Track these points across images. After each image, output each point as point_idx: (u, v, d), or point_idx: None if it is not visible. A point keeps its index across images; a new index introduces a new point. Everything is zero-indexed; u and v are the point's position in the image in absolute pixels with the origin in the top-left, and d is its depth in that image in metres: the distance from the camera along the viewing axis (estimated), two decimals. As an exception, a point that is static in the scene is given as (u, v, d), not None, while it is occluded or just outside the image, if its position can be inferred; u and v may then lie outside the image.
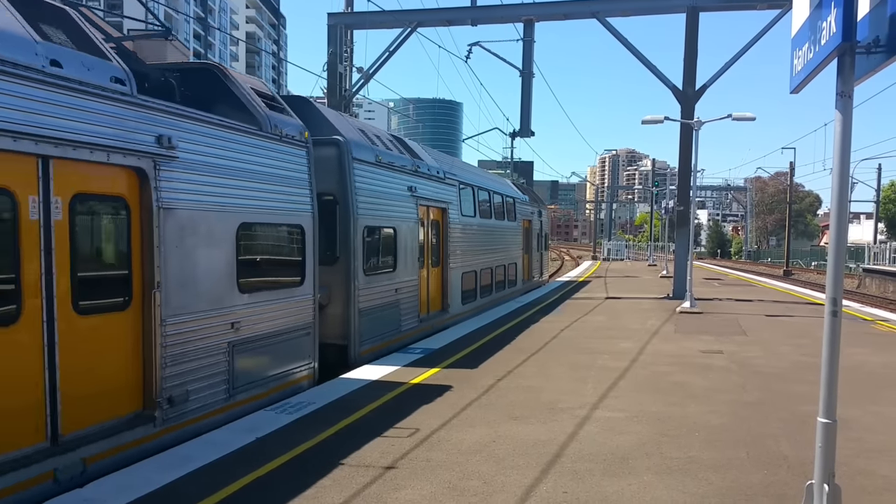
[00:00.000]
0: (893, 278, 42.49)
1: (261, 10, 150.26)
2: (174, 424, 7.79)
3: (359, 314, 12.79)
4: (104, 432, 6.87)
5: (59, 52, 6.50)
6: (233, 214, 8.84)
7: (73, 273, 6.61)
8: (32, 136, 6.06)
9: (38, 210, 6.23)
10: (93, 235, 7.14)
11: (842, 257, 5.03)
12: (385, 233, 14.17)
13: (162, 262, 7.55)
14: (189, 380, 8.01)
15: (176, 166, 7.77)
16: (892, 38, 4.37)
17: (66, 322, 6.51)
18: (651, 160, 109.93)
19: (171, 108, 7.84)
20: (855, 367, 12.55)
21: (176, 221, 7.80)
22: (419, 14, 30.48)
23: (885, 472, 7.14)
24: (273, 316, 9.76)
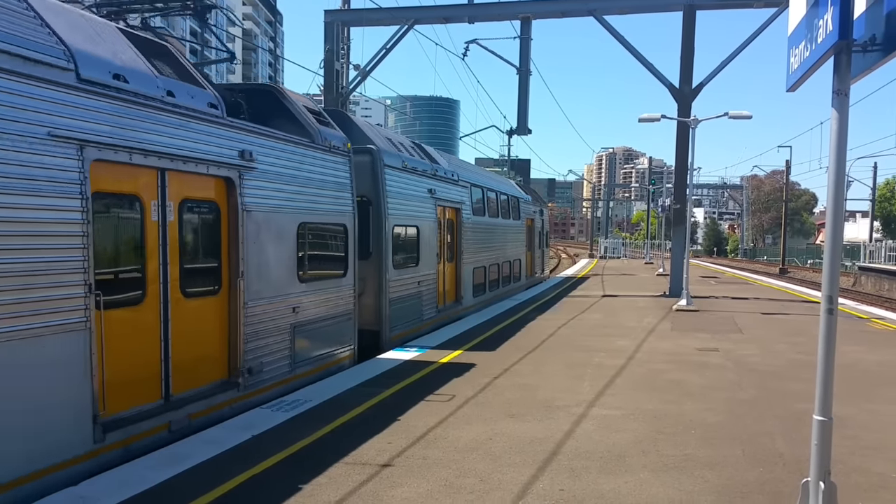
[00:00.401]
0: (889, 276, 42.58)
1: (257, 7, 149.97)
2: (251, 391, 9.39)
3: (389, 303, 14.46)
4: (201, 394, 8.47)
5: (171, 84, 8.08)
6: (295, 215, 10.48)
7: (181, 264, 8.17)
8: (155, 153, 7.60)
9: (157, 213, 7.80)
10: (194, 233, 8.69)
11: (837, 255, 5.03)
12: (410, 231, 15.82)
13: (245, 255, 9.16)
14: (262, 354, 9.60)
15: (254, 175, 9.40)
16: (888, 36, 4.38)
17: (175, 304, 8.06)
18: (648, 158, 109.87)
19: (251, 128, 9.50)
20: (850, 364, 12.58)
21: (254, 221, 9.41)
22: (416, 11, 30.44)
23: (881, 470, 7.15)
24: (323, 303, 11.38)
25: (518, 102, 31.61)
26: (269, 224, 9.80)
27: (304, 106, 11.78)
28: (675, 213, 28.36)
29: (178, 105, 8.03)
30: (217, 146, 8.69)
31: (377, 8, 29.74)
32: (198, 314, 8.56)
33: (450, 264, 18.99)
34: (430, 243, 16.97)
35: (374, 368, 12.04)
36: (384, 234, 14.30)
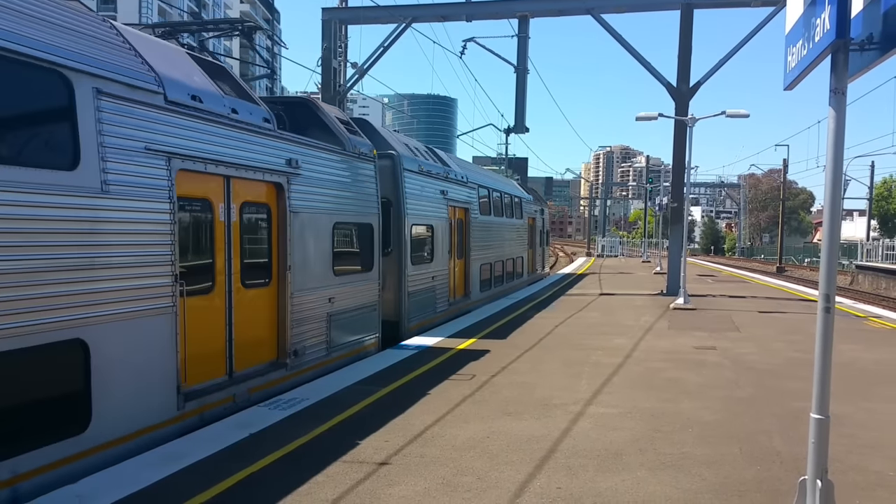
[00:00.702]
0: (886, 275, 42.64)
1: (255, 5, 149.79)
2: (296, 371, 10.63)
3: (408, 296, 15.73)
4: (257, 372, 9.74)
5: (234, 103, 9.39)
6: (331, 215, 11.77)
7: (241, 258, 9.42)
8: (224, 162, 8.89)
9: (224, 214, 9.07)
10: (251, 232, 9.92)
11: (835, 254, 5.04)
12: (425, 229, 17.10)
13: (291, 251, 10.40)
14: (305, 339, 10.85)
15: (299, 181, 10.64)
16: (885, 35, 4.38)
17: (237, 293, 9.31)
18: (645, 157, 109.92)
19: (296, 139, 10.78)
20: (848, 363, 12.60)
21: (299, 221, 10.66)
22: (414, 9, 30.41)
23: (878, 468, 7.16)
24: (353, 294, 12.65)
25: (515, 101, 31.58)
26: (311, 223, 11.12)
27: (336, 116, 13.27)
28: (672, 212, 28.38)
29: (241, 121, 9.37)
30: (270, 155, 10.00)
31: (375, 6, 29.70)
32: (254, 302, 9.84)
33: (459, 261, 20.19)
34: (443, 241, 18.15)
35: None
36: (403, 233, 15.55)
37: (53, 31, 6.71)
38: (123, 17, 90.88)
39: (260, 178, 9.76)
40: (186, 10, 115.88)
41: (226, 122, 9.01)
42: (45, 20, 6.72)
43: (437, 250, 17.67)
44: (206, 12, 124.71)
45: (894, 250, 45.54)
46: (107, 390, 7.03)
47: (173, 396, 8.01)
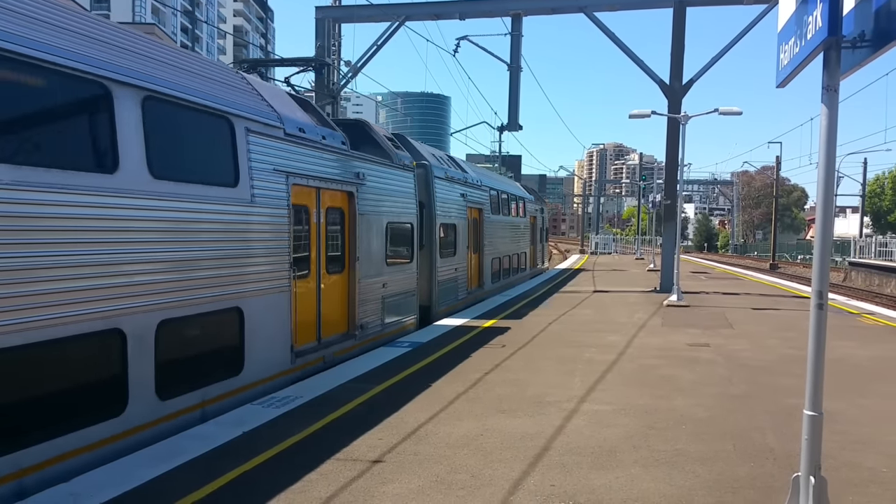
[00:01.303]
0: (879, 272, 42.78)
1: (248, 3, 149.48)
2: (361, 341, 13.22)
3: (437, 284, 18.53)
4: (336, 340, 12.40)
5: (322, 131, 12.06)
6: (384, 217, 14.38)
7: (326, 251, 12.09)
8: (317, 177, 11.52)
9: (316, 217, 11.69)
10: (332, 230, 12.36)
11: (827, 251, 5.05)
12: (450, 228, 19.86)
13: (358, 245, 13.00)
14: (367, 316, 13.49)
15: (364, 189, 13.26)
16: (877, 32, 4.39)
17: (324, 278, 11.99)
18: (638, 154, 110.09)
19: (362, 156, 13.55)
20: (841, 359, 12.64)
21: (364, 221, 13.25)
22: (407, 8, 30.39)
23: (871, 465, 7.19)
24: (399, 282, 15.26)
25: (509, 98, 31.65)
26: (371, 223, 13.72)
27: (383, 134, 16.27)
28: (665, 209, 28.42)
29: (328, 145, 12.04)
30: (345, 170, 12.63)
31: (368, 4, 29.66)
32: (333, 286, 12.45)
33: (475, 255, 22.88)
34: (463, 238, 21.04)
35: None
36: (434, 231, 18.35)
37: (221, 88, 9.50)
38: (116, 15, 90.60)
39: (338, 188, 12.42)
40: (180, 9, 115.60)
41: (319, 146, 11.74)
42: (213, 79, 9.42)
43: (458, 246, 20.51)
44: (200, 11, 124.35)
45: (887, 247, 45.70)
46: (252, 345, 9.62)
47: (288, 353, 10.71)
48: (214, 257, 8.88)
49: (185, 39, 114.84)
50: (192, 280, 8.47)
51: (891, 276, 40.76)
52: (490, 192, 24.96)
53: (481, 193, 23.58)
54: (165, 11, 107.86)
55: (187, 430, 8.01)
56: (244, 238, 9.57)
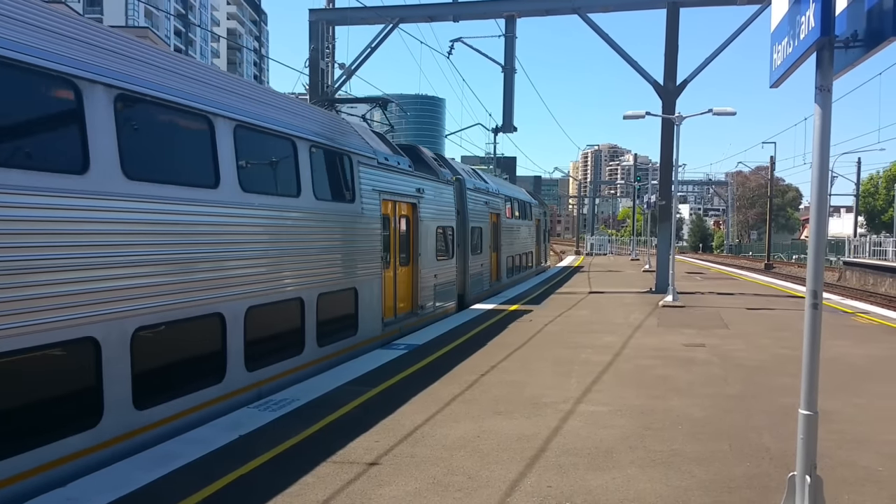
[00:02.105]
0: (874, 271, 42.90)
1: (242, 7, 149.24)
2: (420, 318, 16.98)
3: (469, 277, 22.63)
4: (405, 317, 16.23)
5: (396, 157, 15.93)
6: (435, 222, 18.23)
7: (398, 250, 15.72)
8: (395, 193, 15.30)
9: (394, 223, 15.41)
10: (402, 233, 16.08)
11: (822, 251, 5.06)
12: (477, 231, 23.62)
13: (419, 244, 16.93)
14: (425, 299, 17.50)
15: (422, 201, 17.10)
16: (869, 32, 4.41)
17: (398, 269, 15.84)
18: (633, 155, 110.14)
19: (421, 175, 17.46)
20: (836, 359, 12.66)
21: (422, 226, 17.16)
22: (401, 10, 30.40)
23: (866, 463, 7.20)
24: (444, 273, 19.22)
25: (503, 100, 31.58)
26: (427, 227, 17.59)
27: (430, 155, 20.50)
28: (660, 210, 28.48)
29: (401, 168, 16.09)
30: (410, 187, 16.50)
31: (362, 7, 29.65)
32: (404, 275, 16.38)
33: (493, 253, 26.69)
34: (487, 239, 25.07)
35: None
36: (466, 233, 22.25)
37: (344, 136, 13.52)
38: (109, 18, 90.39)
39: (406, 200, 16.27)
40: (173, 13, 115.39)
41: (396, 170, 15.72)
42: (342, 131, 13.55)
43: (483, 246, 24.46)
44: (193, 14, 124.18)
45: (881, 246, 45.82)
46: (363, 315, 13.54)
47: (380, 323, 14.59)
48: (346, 252, 13.03)
49: (178, 43, 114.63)
50: (336, 268, 12.67)
51: (885, 275, 40.87)
52: (504, 199, 29.00)
53: (498, 200, 27.64)
54: (159, 15, 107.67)
55: (183, 434, 8.00)
56: (358, 239, 13.52)
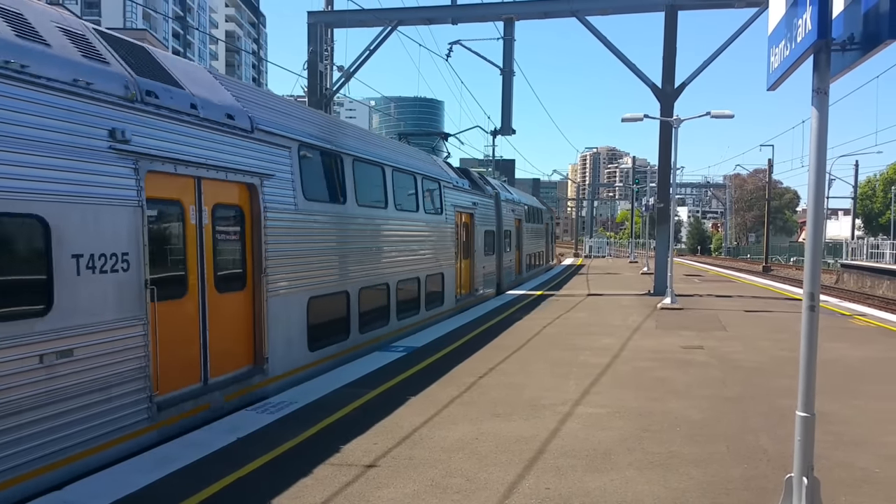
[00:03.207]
0: (871, 273, 42.91)
1: (240, 9, 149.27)
2: (474, 299, 22.67)
3: (503, 270, 28.18)
4: (468, 296, 22.34)
5: (460, 180, 22.26)
6: (483, 227, 23.87)
7: (463, 247, 21.84)
8: (461, 206, 21.42)
9: (462, 228, 21.82)
10: (463, 234, 21.63)
11: (819, 253, 5.07)
12: (507, 233, 29.26)
13: (474, 244, 22.78)
14: (476, 284, 23.18)
15: (476, 212, 23.00)
16: (866, 35, 4.41)
17: (463, 261, 21.98)
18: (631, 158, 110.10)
19: (474, 192, 23.39)
20: (833, 361, 12.67)
21: (477, 230, 23.06)
22: (400, 12, 30.43)
23: (863, 465, 7.21)
24: (489, 266, 24.87)
25: (502, 103, 31.62)
26: (478, 231, 23.27)
27: (476, 173, 27.63)
28: (658, 212, 28.50)
29: (464, 188, 21.95)
30: (469, 201, 22.20)
31: (360, 9, 29.68)
32: (465, 266, 21.78)
33: (517, 252, 32.53)
34: (513, 240, 31.11)
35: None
36: (501, 235, 27.80)
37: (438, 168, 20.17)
38: (107, 20, 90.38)
39: (467, 211, 22.16)
40: (171, 15, 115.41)
41: (462, 189, 21.56)
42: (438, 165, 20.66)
43: (511, 245, 30.49)
44: (192, 16, 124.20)
45: (879, 249, 45.85)
46: (447, 292, 19.42)
47: (454, 299, 20.11)
48: (439, 248, 19.02)
49: (176, 45, 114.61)
50: (435, 258, 18.50)
51: (882, 277, 40.90)
52: (524, 207, 35.44)
53: (520, 208, 33.84)
54: (157, 17, 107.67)
55: (183, 436, 8.00)
56: (445, 239, 19.59)
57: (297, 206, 11.16)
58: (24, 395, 6.34)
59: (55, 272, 6.66)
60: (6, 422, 6.19)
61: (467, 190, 22.22)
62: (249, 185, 9.91)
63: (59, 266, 6.71)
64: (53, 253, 6.65)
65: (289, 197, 10.95)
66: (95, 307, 7.13)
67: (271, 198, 10.34)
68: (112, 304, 7.32)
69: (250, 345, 10.01)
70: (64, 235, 6.74)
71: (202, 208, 8.99)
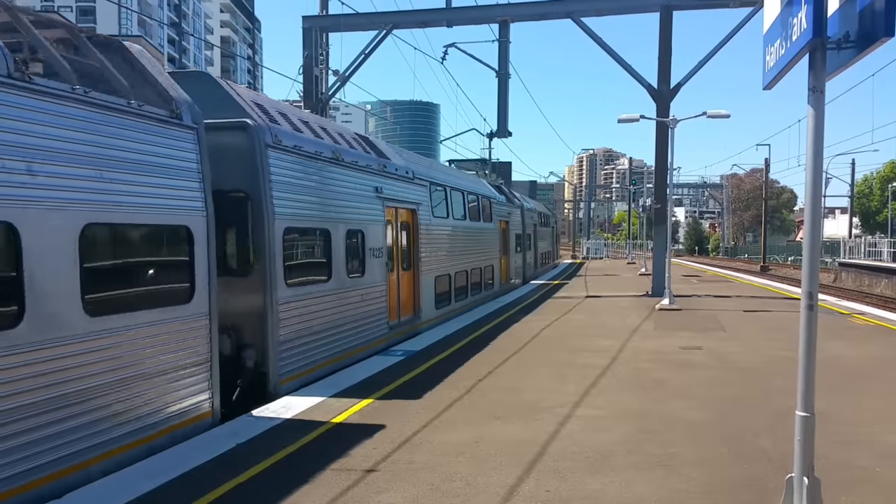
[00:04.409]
0: (869, 272, 42.97)
1: (235, 15, 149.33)
2: (511, 285, 30.76)
3: (526, 265, 34.95)
4: (505, 283, 29.62)
5: (499, 196, 28.90)
6: (514, 231, 31.04)
7: (506, 248, 30.04)
8: (500, 216, 28.31)
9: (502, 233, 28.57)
10: (504, 237, 29.06)
11: (816, 252, 5.06)
12: (529, 236, 35.99)
13: (508, 244, 29.56)
14: (512, 275, 31.03)
15: (510, 220, 29.93)
16: (861, 33, 4.41)
17: (501, 258, 28.34)
18: (628, 159, 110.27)
19: (508, 204, 30.46)
20: (832, 360, 12.66)
21: (511, 233, 30.07)
22: (394, 16, 30.45)
23: (863, 464, 7.21)
24: (518, 261, 32.47)
25: (498, 105, 31.67)
26: (512, 234, 30.03)
27: (506, 189, 32.67)
28: (656, 213, 28.52)
29: (503, 202, 28.94)
30: (505, 211, 29.01)
31: (355, 13, 29.70)
32: (504, 261, 28.55)
33: (534, 250, 38.99)
34: (532, 241, 37.57)
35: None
36: (524, 238, 34.20)
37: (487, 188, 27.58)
38: (102, 27, 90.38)
39: (505, 219, 28.19)
40: (167, 22, 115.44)
41: (502, 203, 28.25)
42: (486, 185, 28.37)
43: (531, 245, 37.43)
44: (187, 22, 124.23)
45: (876, 247, 45.91)
46: (496, 278, 26.61)
47: (499, 284, 27.18)
48: (490, 246, 25.32)
49: (172, 51, 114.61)
50: (491, 253, 25.43)
51: (880, 275, 40.94)
52: (538, 213, 42.22)
53: (535, 214, 40.21)
54: (152, 24, 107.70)
55: (182, 442, 7.97)
56: (493, 241, 25.74)
57: (430, 222, 17.99)
58: (355, 313, 13.09)
59: (366, 258, 13.64)
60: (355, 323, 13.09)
61: (504, 203, 29.07)
62: (413, 210, 16.83)
63: (367, 254, 13.67)
64: (366, 247, 13.68)
65: (427, 216, 17.78)
66: (375, 274, 14.16)
67: (421, 217, 17.19)
68: (378, 273, 14.30)
69: (413, 302, 16.89)
70: (368, 239, 13.73)
71: (397, 223, 15.93)
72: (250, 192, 10.07)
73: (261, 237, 10.19)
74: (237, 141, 9.99)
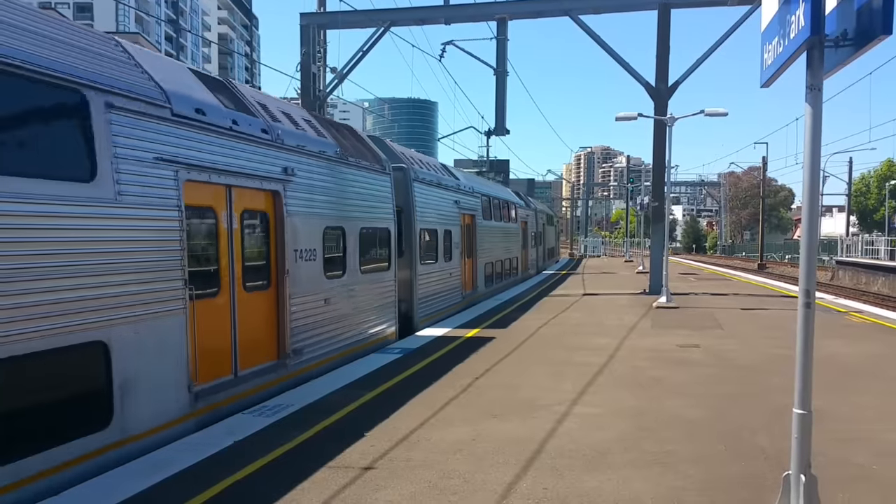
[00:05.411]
0: (866, 270, 43.03)
1: (233, 12, 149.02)
2: (529, 274, 38.29)
3: (539, 258, 43.28)
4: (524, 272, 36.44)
5: (521, 201, 36.32)
6: (532, 229, 38.60)
7: (525, 245, 36.90)
8: (522, 217, 34.88)
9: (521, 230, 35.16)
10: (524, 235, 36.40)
11: (814, 250, 5.07)
12: (540, 234, 43.07)
13: (528, 241, 37.29)
14: (531, 266, 39.34)
15: (528, 220, 37.41)
16: (859, 31, 4.41)
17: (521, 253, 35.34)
18: (626, 157, 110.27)
19: (525, 207, 36.50)
20: (829, 358, 12.68)
21: (528, 231, 37.20)
22: (392, 13, 30.42)
23: (860, 461, 7.22)
24: (532, 255, 39.81)
25: (496, 103, 31.64)
26: (529, 232, 36.94)
27: (524, 194, 40.49)
28: (653, 211, 28.52)
29: (522, 205, 34.77)
30: (524, 213, 35.52)
31: (353, 10, 29.65)
32: (524, 255, 35.44)
33: (543, 245, 44.69)
34: (541, 238, 42.65)
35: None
36: (537, 235, 40.74)
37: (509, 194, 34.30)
38: (100, 23, 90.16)
39: (524, 219, 34.74)
40: (164, 19, 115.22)
41: (521, 207, 34.69)
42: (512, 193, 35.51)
43: (542, 241, 43.13)
44: (184, 19, 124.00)
45: (874, 245, 45.96)
46: (520, 267, 33.78)
47: (520, 272, 33.99)
48: (515, 240, 31.97)
49: (169, 48, 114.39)
50: (514, 247, 31.76)
51: (878, 274, 41.01)
52: (546, 214, 49.62)
53: (543, 215, 46.15)
54: (149, 21, 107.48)
55: (177, 441, 7.98)
56: (517, 238, 32.48)
57: (481, 223, 23.98)
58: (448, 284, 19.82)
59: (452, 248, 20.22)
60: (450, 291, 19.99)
61: (523, 207, 34.69)
62: (473, 215, 22.76)
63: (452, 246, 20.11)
64: (452, 241, 20.15)
65: (480, 218, 23.91)
66: (456, 259, 20.56)
67: (477, 220, 23.36)
68: (457, 259, 20.41)
69: (472, 280, 23.07)
70: (453, 235, 20.29)
71: (465, 225, 21.59)
72: (405, 207, 16.51)
73: (410, 234, 16.77)
74: (399, 176, 16.20)
